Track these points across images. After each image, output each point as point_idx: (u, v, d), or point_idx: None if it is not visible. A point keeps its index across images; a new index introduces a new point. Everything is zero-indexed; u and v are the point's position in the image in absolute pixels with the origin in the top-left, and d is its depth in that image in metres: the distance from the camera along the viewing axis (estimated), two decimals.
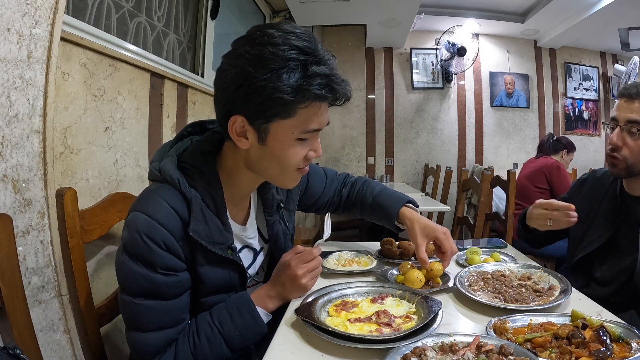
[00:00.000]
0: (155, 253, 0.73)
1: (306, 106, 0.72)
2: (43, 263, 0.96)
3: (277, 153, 0.77)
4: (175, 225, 0.75)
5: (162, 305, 0.76)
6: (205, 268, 0.81)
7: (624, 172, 1.13)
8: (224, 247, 0.82)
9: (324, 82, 0.71)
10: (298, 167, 0.81)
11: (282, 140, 0.76)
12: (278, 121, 0.73)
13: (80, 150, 1.22)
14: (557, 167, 2.69)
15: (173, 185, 0.77)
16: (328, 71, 0.72)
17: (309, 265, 0.88)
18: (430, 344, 0.67)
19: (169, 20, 2.03)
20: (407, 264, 1.04)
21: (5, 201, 0.88)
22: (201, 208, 0.78)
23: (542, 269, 1.03)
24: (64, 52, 1.15)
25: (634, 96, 1.10)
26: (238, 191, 0.88)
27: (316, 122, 0.76)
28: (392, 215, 1.12)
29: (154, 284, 0.74)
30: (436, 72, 4.60)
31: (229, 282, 0.86)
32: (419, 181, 4.55)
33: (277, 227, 0.98)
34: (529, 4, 4.00)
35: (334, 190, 1.21)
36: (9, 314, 0.72)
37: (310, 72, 0.70)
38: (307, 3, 3.23)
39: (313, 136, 0.79)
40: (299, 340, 0.74)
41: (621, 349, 0.65)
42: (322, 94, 0.71)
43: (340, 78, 0.74)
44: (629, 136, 1.10)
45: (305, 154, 0.80)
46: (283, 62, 0.69)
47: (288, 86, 0.69)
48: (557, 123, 4.67)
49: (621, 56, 4.77)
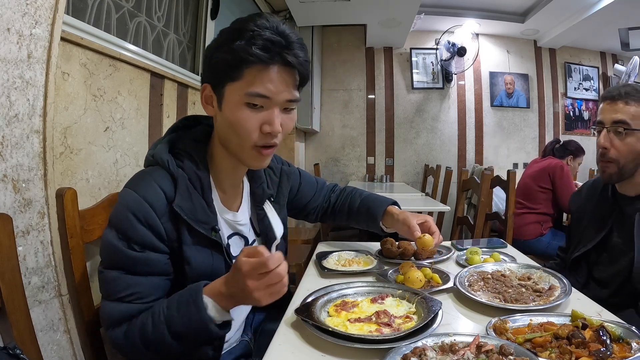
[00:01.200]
0: (134, 227, 0.76)
1: (250, 67, 0.76)
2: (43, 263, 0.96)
3: (230, 118, 0.79)
4: (160, 201, 0.78)
5: (127, 278, 0.76)
6: (191, 248, 0.81)
7: (615, 177, 1.14)
8: (208, 228, 0.82)
9: (267, 43, 0.75)
10: (255, 143, 0.81)
11: (233, 103, 0.79)
12: (229, 84, 0.78)
13: (80, 150, 1.22)
14: (561, 168, 2.69)
15: (162, 166, 0.81)
16: (274, 37, 0.76)
17: (265, 280, 0.70)
18: (430, 344, 0.67)
19: (169, 20, 2.04)
20: (407, 264, 1.04)
21: (5, 201, 0.88)
22: (187, 187, 0.81)
23: (542, 269, 1.03)
24: (64, 52, 1.15)
25: (617, 97, 1.12)
26: (225, 177, 0.90)
27: (262, 87, 0.77)
28: (378, 213, 1.15)
29: (129, 259, 0.76)
30: (436, 72, 4.60)
31: (216, 268, 0.85)
32: (419, 181, 4.55)
33: (267, 221, 0.99)
34: (529, 4, 4.00)
35: (323, 196, 1.26)
36: (9, 314, 0.72)
37: (254, 35, 0.75)
38: (307, 3, 3.23)
39: (266, 107, 0.79)
40: (299, 340, 0.74)
41: (621, 349, 0.65)
42: (265, 53, 0.75)
43: (295, 48, 0.78)
44: (616, 137, 1.12)
45: (260, 127, 0.79)
46: (235, 33, 0.77)
47: (234, 48, 0.75)
48: (557, 123, 4.67)
49: (621, 56, 4.76)
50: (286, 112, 0.82)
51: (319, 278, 1.09)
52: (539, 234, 2.68)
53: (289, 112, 0.83)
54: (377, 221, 1.18)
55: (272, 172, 1.05)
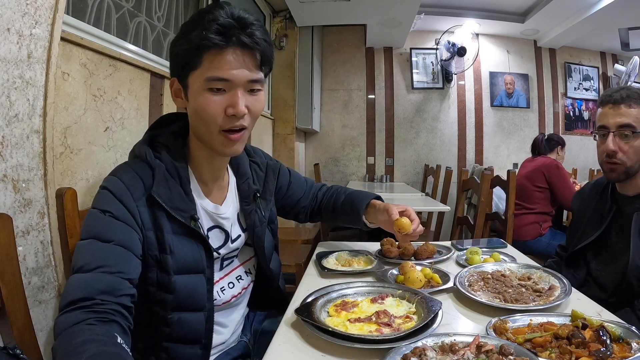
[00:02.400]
0: (110, 201, 0.77)
1: (207, 51, 0.77)
2: (43, 263, 0.96)
3: (195, 105, 0.81)
4: (138, 188, 0.80)
5: (96, 245, 0.73)
6: (172, 237, 0.82)
7: (622, 176, 1.15)
8: (186, 216, 0.83)
9: (219, 27, 0.76)
10: (221, 127, 0.81)
11: (196, 91, 0.80)
12: (191, 73, 0.79)
13: (80, 150, 1.22)
14: (556, 167, 2.69)
15: (141, 157, 0.84)
16: (225, 21, 0.77)
17: None
18: (430, 344, 0.67)
19: (169, 20, 2.04)
20: (407, 264, 1.04)
21: (5, 201, 0.88)
22: (165, 176, 0.83)
23: (542, 269, 1.03)
24: (64, 52, 1.15)
25: (619, 101, 1.12)
26: (203, 168, 0.91)
27: (219, 70, 0.77)
28: (361, 206, 1.17)
29: (100, 223, 0.75)
30: (436, 72, 4.60)
31: (197, 259, 0.85)
32: (419, 181, 4.55)
33: (254, 216, 0.99)
34: (529, 4, 4.00)
35: (312, 195, 1.27)
36: (9, 313, 0.72)
37: (208, 21, 0.76)
38: (307, 3, 3.23)
39: (228, 89, 0.80)
40: (299, 340, 0.74)
41: (621, 349, 0.65)
42: (217, 36, 0.76)
43: (250, 28, 0.78)
44: (622, 140, 1.13)
45: (225, 110, 0.80)
46: (192, 24, 0.78)
47: (191, 38, 0.77)
48: (557, 123, 4.67)
49: (621, 56, 4.76)
50: (252, 94, 0.82)
51: (319, 278, 1.09)
52: (538, 235, 2.68)
53: (255, 94, 0.83)
54: (360, 214, 1.18)
55: (257, 168, 1.06)
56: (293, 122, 3.81)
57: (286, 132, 3.82)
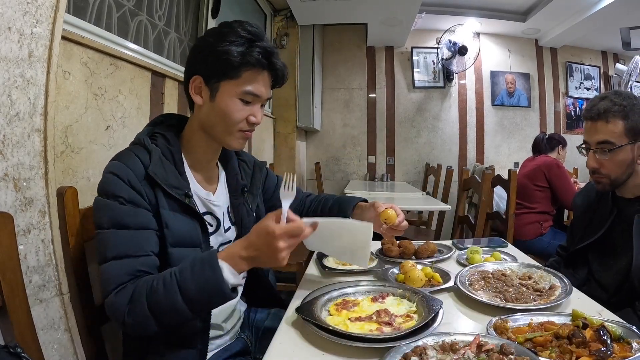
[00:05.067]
0: (120, 186, 0.83)
1: (248, 69, 0.90)
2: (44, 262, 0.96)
3: (223, 108, 0.91)
4: (139, 168, 0.86)
5: (126, 233, 0.82)
6: (169, 212, 0.87)
7: (609, 187, 1.18)
8: (181, 193, 0.89)
9: (263, 52, 0.90)
10: (241, 128, 0.94)
11: (228, 97, 0.91)
12: (226, 81, 0.90)
13: (81, 149, 1.22)
14: (557, 166, 2.69)
15: (140, 143, 0.92)
16: (268, 47, 0.92)
17: (292, 241, 0.80)
18: (430, 343, 0.67)
19: (170, 19, 2.03)
20: (408, 263, 1.04)
21: (7, 200, 0.88)
22: (160, 158, 0.90)
23: (542, 269, 1.03)
24: (65, 51, 1.15)
25: (596, 117, 1.13)
26: (198, 156, 0.99)
27: (255, 87, 0.92)
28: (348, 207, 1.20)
29: (118, 213, 0.82)
30: (437, 71, 4.59)
31: (193, 234, 0.90)
32: (419, 180, 4.55)
33: (242, 210, 1.06)
34: (530, 3, 4.00)
35: (300, 199, 1.31)
36: (10, 312, 0.72)
37: (254, 45, 0.90)
38: (308, 2, 3.22)
39: (254, 102, 0.94)
40: (299, 339, 0.74)
41: (621, 348, 0.65)
42: (261, 60, 0.90)
43: (278, 59, 0.95)
44: (603, 156, 1.14)
45: (247, 117, 0.93)
46: (235, 37, 0.89)
47: (236, 52, 0.88)
48: (558, 122, 4.66)
49: (622, 56, 4.75)
50: (262, 107, 0.98)
51: (319, 277, 1.10)
52: (538, 234, 2.67)
53: (262, 107, 0.99)
54: (348, 215, 1.19)
55: (245, 165, 1.12)
56: (294, 121, 3.81)
57: (287, 131, 3.82)
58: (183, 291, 0.76)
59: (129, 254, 0.81)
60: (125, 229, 0.82)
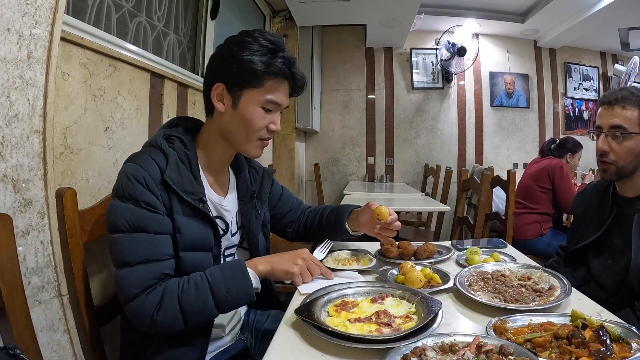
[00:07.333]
0: (138, 189, 0.84)
1: (271, 79, 0.93)
2: (43, 263, 0.96)
3: (245, 116, 0.94)
4: (155, 171, 0.87)
5: (148, 237, 0.84)
6: (182, 217, 0.88)
7: (615, 176, 1.18)
8: (196, 198, 0.90)
9: (286, 62, 0.94)
10: (261, 136, 0.97)
11: (250, 105, 0.94)
12: (249, 89, 0.93)
13: (80, 150, 1.22)
14: (560, 168, 2.68)
15: (156, 146, 0.92)
16: (290, 57, 0.95)
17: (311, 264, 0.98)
18: (430, 344, 0.67)
19: (169, 20, 2.03)
20: (407, 264, 1.04)
21: (5, 201, 0.88)
22: (176, 162, 0.91)
23: (542, 269, 1.03)
24: (64, 52, 1.15)
25: (613, 102, 1.15)
26: (213, 161, 1.01)
27: (277, 96, 0.95)
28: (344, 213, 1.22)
29: (138, 217, 0.83)
30: (436, 72, 4.60)
31: (205, 238, 0.92)
32: (419, 181, 4.55)
33: (251, 215, 1.08)
34: (529, 4, 4.00)
35: (301, 211, 1.33)
36: (9, 313, 0.72)
37: (277, 55, 0.93)
38: (307, 3, 3.23)
39: (275, 111, 0.97)
40: (299, 340, 0.74)
41: (621, 349, 0.65)
42: (284, 70, 0.93)
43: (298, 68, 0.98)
44: (613, 141, 1.15)
45: (267, 125, 0.96)
46: (259, 47, 0.92)
47: (260, 61, 0.91)
48: (557, 123, 4.67)
49: (621, 56, 4.76)
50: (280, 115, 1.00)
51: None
52: (539, 234, 2.68)
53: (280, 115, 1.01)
54: (343, 220, 1.20)
55: (255, 172, 1.15)
56: (293, 122, 3.81)
57: (286, 132, 3.82)
58: (215, 292, 0.83)
59: (154, 258, 0.83)
60: (145, 233, 0.83)
